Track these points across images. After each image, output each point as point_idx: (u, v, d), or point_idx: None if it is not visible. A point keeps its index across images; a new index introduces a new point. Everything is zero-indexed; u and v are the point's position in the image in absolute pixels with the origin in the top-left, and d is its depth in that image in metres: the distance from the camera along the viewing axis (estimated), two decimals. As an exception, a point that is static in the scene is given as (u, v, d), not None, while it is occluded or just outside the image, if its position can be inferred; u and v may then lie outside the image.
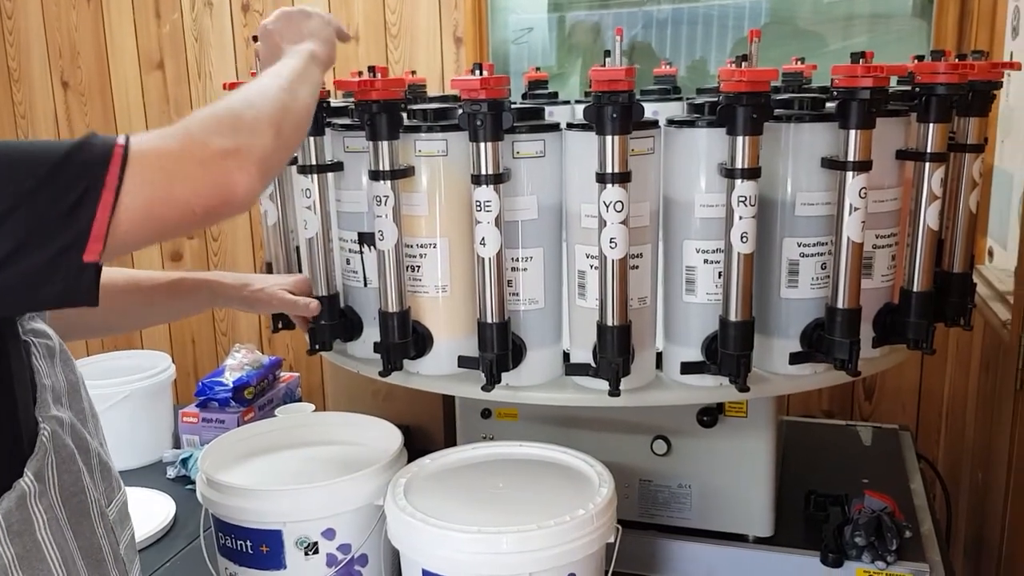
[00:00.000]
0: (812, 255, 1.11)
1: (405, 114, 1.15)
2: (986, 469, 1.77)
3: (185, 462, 1.68)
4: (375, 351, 1.18)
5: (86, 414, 0.96)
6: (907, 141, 1.14)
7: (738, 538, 1.32)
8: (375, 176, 1.10)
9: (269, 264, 1.35)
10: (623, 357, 1.07)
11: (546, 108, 1.25)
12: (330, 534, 1.19)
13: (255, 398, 1.80)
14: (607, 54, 1.01)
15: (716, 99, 1.07)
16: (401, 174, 1.11)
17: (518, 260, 1.13)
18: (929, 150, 1.10)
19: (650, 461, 1.33)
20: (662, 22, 2.37)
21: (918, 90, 1.11)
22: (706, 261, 1.10)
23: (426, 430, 1.67)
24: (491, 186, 1.06)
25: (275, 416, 1.68)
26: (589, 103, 1.02)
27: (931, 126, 1.09)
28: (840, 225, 1.06)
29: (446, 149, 1.12)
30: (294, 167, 1.20)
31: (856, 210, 1.05)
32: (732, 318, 1.07)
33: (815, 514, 1.38)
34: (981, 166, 1.21)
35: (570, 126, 1.11)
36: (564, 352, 1.20)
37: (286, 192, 1.30)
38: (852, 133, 1.04)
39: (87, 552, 0.88)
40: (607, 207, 1.02)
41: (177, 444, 1.80)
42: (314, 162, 1.19)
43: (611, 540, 1.10)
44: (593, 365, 1.10)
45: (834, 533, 1.28)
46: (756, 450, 1.29)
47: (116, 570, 0.92)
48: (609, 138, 1.00)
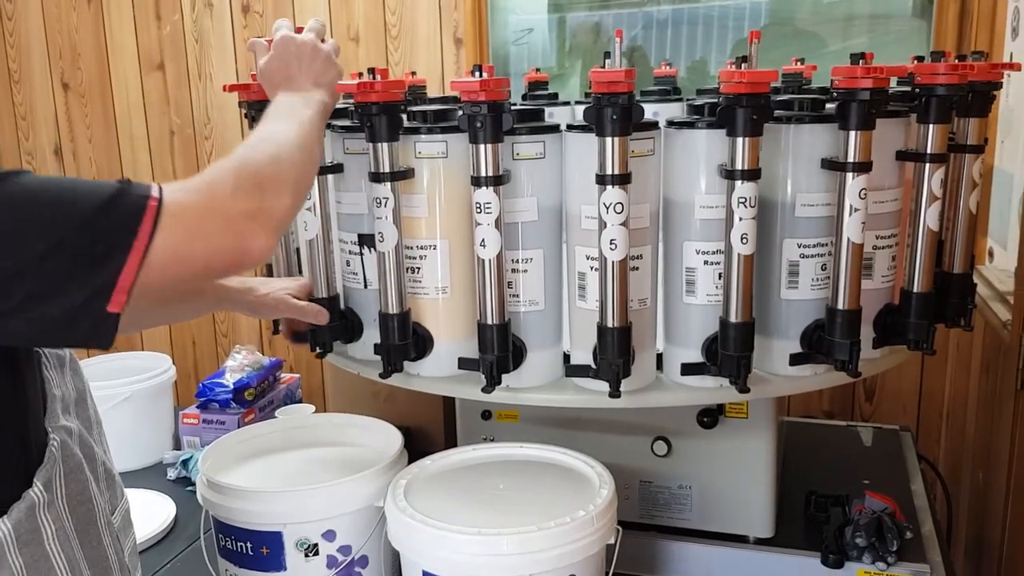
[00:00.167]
0: (812, 256, 1.11)
1: (405, 116, 1.15)
2: (987, 469, 1.77)
3: (185, 463, 1.68)
4: (375, 353, 1.18)
5: (91, 422, 0.96)
6: (907, 142, 1.14)
7: (739, 539, 1.32)
8: (375, 178, 1.10)
9: (269, 266, 1.35)
10: (623, 358, 1.07)
11: (546, 109, 1.25)
12: (330, 535, 1.19)
13: (255, 399, 1.80)
14: (607, 55, 1.01)
15: (716, 100, 1.07)
16: (401, 176, 1.11)
17: (518, 262, 1.13)
18: (929, 151, 1.10)
19: (650, 462, 1.33)
20: (662, 23, 2.37)
21: (918, 91, 1.11)
22: (706, 262, 1.10)
23: (426, 431, 1.67)
24: (491, 188, 1.06)
25: (275, 417, 1.68)
26: (589, 104, 1.02)
27: (931, 127, 1.10)
28: (840, 226, 1.06)
29: (446, 151, 1.12)
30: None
31: (856, 211, 1.05)
32: (732, 319, 1.07)
33: (816, 515, 1.38)
34: (981, 166, 1.21)
35: (570, 127, 1.11)
36: (564, 353, 1.20)
37: (286, 193, 1.30)
38: (852, 134, 1.04)
39: (93, 561, 0.88)
40: (607, 208, 1.02)
41: (177, 445, 1.81)
42: (314, 164, 1.19)
43: (611, 541, 1.10)
44: (593, 366, 1.10)
45: (835, 534, 1.28)
46: (757, 451, 1.29)
47: None
48: (609, 139, 1.00)
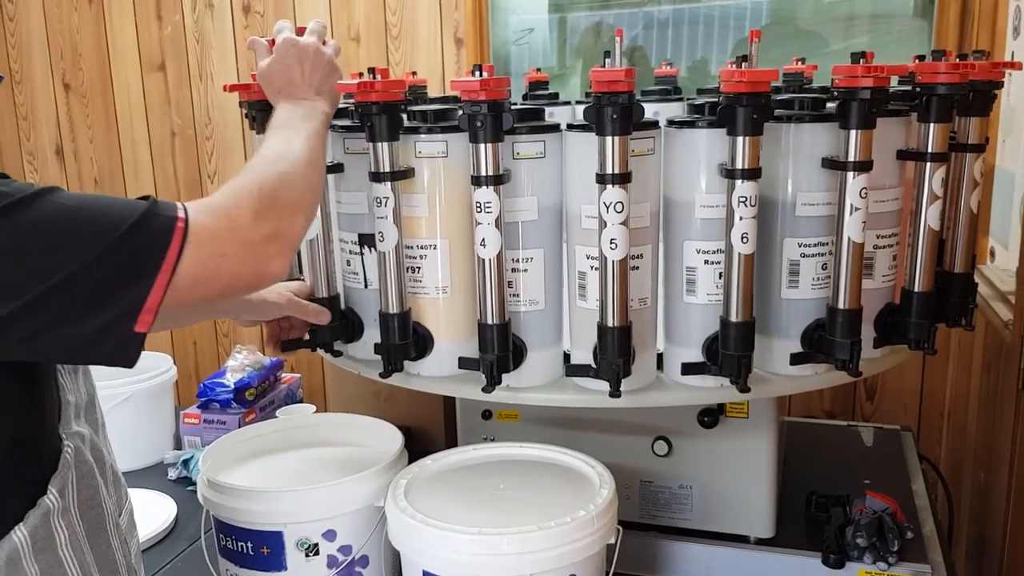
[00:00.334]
0: (813, 255, 1.11)
1: (405, 115, 1.15)
2: (988, 469, 1.77)
3: (186, 463, 1.68)
4: (376, 352, 1.18)
5: (99, 424, 0.97)
6: (908, 141, 1.14)
7: (739, 539, 1.32)
8: (375, 177, 1.10)
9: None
10: (624, 358, 1.07)
11: (547, 109, 1.25)
12: (331, 535, 1.19)
13: (256, 399, 1.80)
14: (607, 55, 1.01)
15: (716, 99, 1.07)
16: (401, 175, 1.11)
17: (518, 261, 1.13)
18: (930, 150, 1.10)
19: (651, 462, 1.33)
20: (663, 23, 2.37)
21: (919, 90, 1.10)
22: (707, 262, 1.10)
23: (427, 431, 1.67)
24: (491, 187, 1.05)
25: (276, 417, 1.68)
26: (589, 104, 1.02)
27: (932, 126, 1.09)
28: (841, 225, 1.06)
29: (446, 150, 1.12)
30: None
31: (857, 210, 1.05)
32: (733, 319, 1.06)
33: (816, 515, 1.37)
34: (982, 166, 1.21)
35: (570, 127, 1.11)
36: (565, 353, 1.20)
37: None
38: (853, 133, 1.03)
39: (103, 564, 0.89)
40: (607, 208, 1.02)
41: (178, 445, 1.81)
42: (314, 163, 1.19)
43: (612, 541, 1.10)
44: (594, 366, 1.10)
45: (835, 534, 1.28)
46: (757, 451, 1.29)
47: None
48: (609, 139, 1.00)
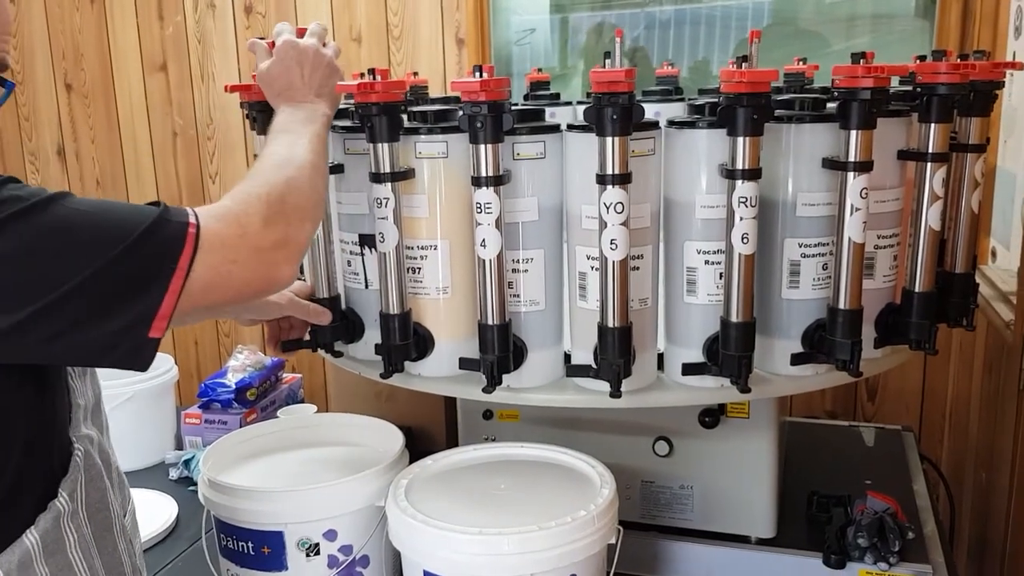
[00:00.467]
0: (813, 256, 1.11)
1: (405, 116, 1.15)
2: (989, 470, 1.76)
3: (187, 463, 1.68)
4: (376, 353, 1.18)
5: (104, 426, 0.97)
6: (908, 141, 1.14)
7: (740, 539, 1.32)
8: (375, 178, 1.10)
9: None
10: (624, 358, 1.07)
11: (548, 109, 1.25)
12: (331, 535, 1.19)
13: (257, 399, 1.81)
14: (607, 55, 1.01)
15: (717, 100, 1.07)
16: (401, 176, 1.11)
17: (519, 262, 1.13)
18: (931, 150, 1.10)
19: (652, 462, 1.33)
20: (664, 23, 2.37)
21: (919, 90, 1.10)
22: (707, 262, 1.10)
23: (428, 431, 1.67)
24: (491, 188, 1.05)
25: (277, 417, 1.68)
26: (590, 104, 1.02)
27: (932, 126, 1.09)
28: (841, 226, 1.06)
29: (446, 151, 1.12)
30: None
31: (857, 210, 1.05)
32: (733, 319, 1.06)
33: (818, 515, 1.37)
34: (983, 166, 1.21)
35: (570, 127, 1.11)
36: (565, 353, 1.20)
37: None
38: (853, 133, 1.03)
39: (110, 566, 0.90)
40: (607, 208, 1.02)
41: (180, 445, 1.81)
42: (315, 164, 1.19)
43: (612, 541, 1.10)
44: (594, 366, 1.10)
45: (837, 534, 1.28)
46: (758, 451, 1.29)
47: None
48: (609, 139, 1.00)
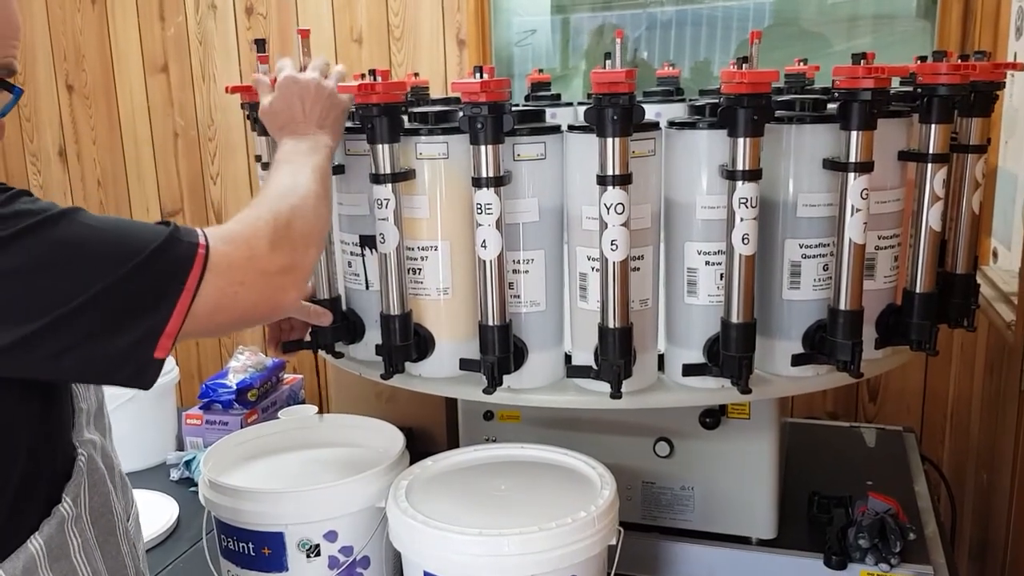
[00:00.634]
0: (814, 256, 1.11)
1: (406, 117, 1.15)
2: (991, 471, 1.76)
3: (188, 464, 1.68)
4: (377, 354, 1.18)
5: (107, 430, 0.97)
6: (909, 142, 1.14)
7: (741, 540, 1.32)
8: (376, 179, 1.10)
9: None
10: (625, 359, 1.07)
11: (549, 110, 1.25)
12: (332, 536, 1.19)
13: (258, 400, 1.81)
14: (607, 56, 1.01)
15: (717, 101, 1.07)
16: (402, 177, 1.11)
17: (519, 262, 1.13)
18: (931, 151, 1.10)
19: (653, 463, 1.33)
20: (666, 24, 2.37)
21: (920, 91, 1.10)
22: (707, 263, 1.10)
23: (429, 432, 1.67)
24: (492, 189, 1.06)
25: (278, 418, 1.68)
26: (590, 105, 1.02)
27: (933, 127, 1.09)
28: (842, 226, 1.06)
29: (447, 152, 1.12)
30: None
31: (858, 211, 1.05)
32: (734, 320, 1.06)
33: (819, 516, 1.37)
34: (984, 167, 1.21)
35: (571, 128, 1.11)
36: (566, 354, 1.20)
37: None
38: (853, 134, 1.03)
39: (114, 571, 0.90)
40: (608, 209, 1.02)
41: (181, 446, 1.81)
42: (316, 165, 1.19)
43: (613, 542, 1.10)
44: (595, 367, 1.10)
45: (838, 535, 1.28)
46: (759, 452, 1.29)
47: None
48: (610, 140, 1.00)
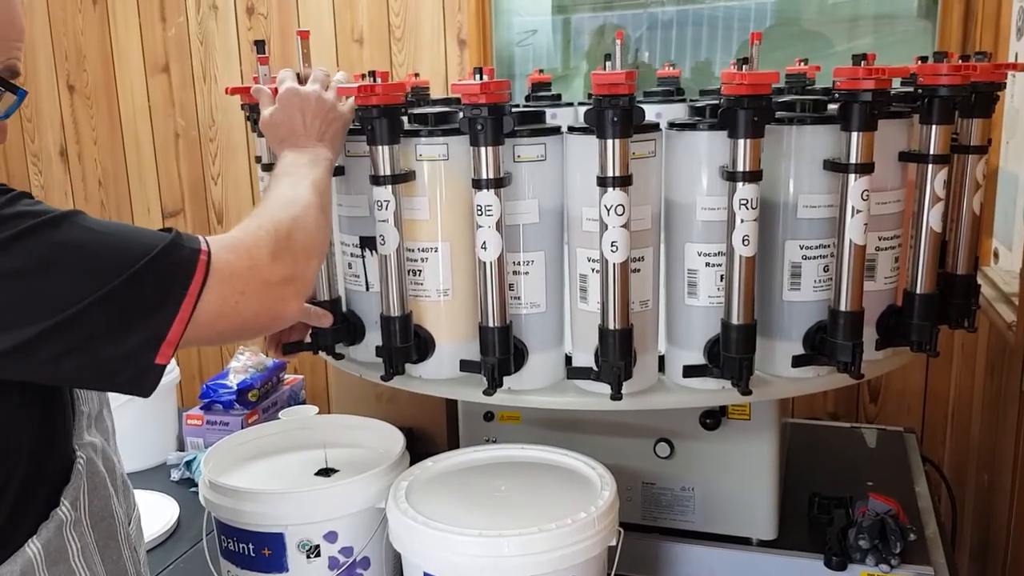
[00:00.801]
0: (814, 257, 1.11)
1: (406, 118, 1.15)
2: (992, 471, 1.76)
3: (189, 465, 1.68)
4: (377, 355, 1.18)
5: (109, 432, 0.97)
6: (910, 143, 1.14)
7: (742, 541, 1.32)
8: (376, 181, 1.10)
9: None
10: (625, 360, 1.07)
11: (549, 111, 1.25)
12: (332, 537, 1.19)
13: (259, 400, 1.81)
14: (607, 57, 1.01)
15: (717, 101, 1.06)
16: (402, 178, 1.11)
17: (519, 264, 1.13)
18: (932, 152, 1.10)
19: (653, 464, 1.33)
20: (667, 24, 2.37)
21: (921, 92, 1.10)
22: (708, 264, 1.10)
23: (429, 433, 1.67)
24: (492, 190, 1.06)
25: (279, 419, 1.68)
26: (590, 106, 1.02)
27: (933, 128, 1.09)
28: (842, 227, 1.06)
29: (447, 153, 1.12)
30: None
31: (858, 212, 1.05)
32: (734, 321, 1.06)
33: (819, 517, 1.37)
34: (985, 167, 1.21)
35: (571, 129, 1.11)
36: (566, 355, 1.20)
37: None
38: (854, 135, 1.03)
39: (114, 575, 0.89)
40: (608, 210, 1.02)
41: (181, 447, 1.81)
42: (316, 166, 1.19)
43: (613, 543, 1.10)
44: (595, 369, 1.10)
45: (838, 536, 1.28)
46: (759, 453, 1.29)
47: None
48: (610, 141, 1.00)
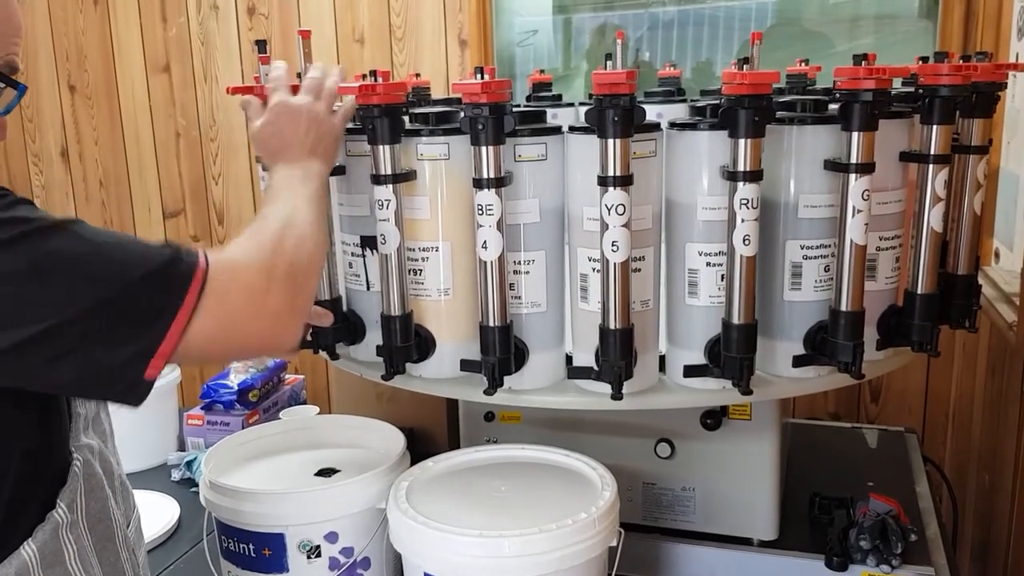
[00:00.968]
0: (815, 257, 1.11)
1: (407, 117, 1.15)
2: (993, 472, 1.76)
3: (189, 465, 1.68)
4: (378, 354, 1.18)
5: (107, 434, 0.97)
6: (910, 143, 1.14)
7: (742, 541, 1.32)
8: (377, 180, 1.10)
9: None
10: (626, 360, 1.07)
11: (550, 110, 1.25)
12: (333, 537, 1.19)
13: (260, 401, 1.81)
14: (608, 57, 1.01)
15: (718, 101, 1.06)
16: (403, 178, 1.11)
17: (520, 263, 1.13)
18: (933, 152, 1.10)
19: (654, 464, 1.33)
20: (668, 24, 2.37)
21: (921, 92, 1.10)
22: (708, 264, 1.10)
23: (430, 433, 1.67)
24: (493, 190, 1.05)
25: (280, 419, 1.68)
26: (591, 106, 1.02)
27: (934, 128, 1.09)
28: (843, 227, 1.06)
29: (448, 153, 1.12)
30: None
31: (859, 212, 1.05)
32: (735, 321, 1.06)
33: (820, 517, 1.37)
34: (986, 167, 1.21)
35: (572, 129, 1.11)
36: (567, 355, 1.20)
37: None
38: (855, 135, 1.03)
39: None
40: (609, 210, 1.01)
41: (182, 447, 1.81)
42: (317, 166, 1.19)
43: (614, 543, 1.10)
44: (596, 368, 1.10)
45: (839, 536, 1.28)
46: (760, 453, 1.29)
47: None
48: (610, 141, 1.00)
